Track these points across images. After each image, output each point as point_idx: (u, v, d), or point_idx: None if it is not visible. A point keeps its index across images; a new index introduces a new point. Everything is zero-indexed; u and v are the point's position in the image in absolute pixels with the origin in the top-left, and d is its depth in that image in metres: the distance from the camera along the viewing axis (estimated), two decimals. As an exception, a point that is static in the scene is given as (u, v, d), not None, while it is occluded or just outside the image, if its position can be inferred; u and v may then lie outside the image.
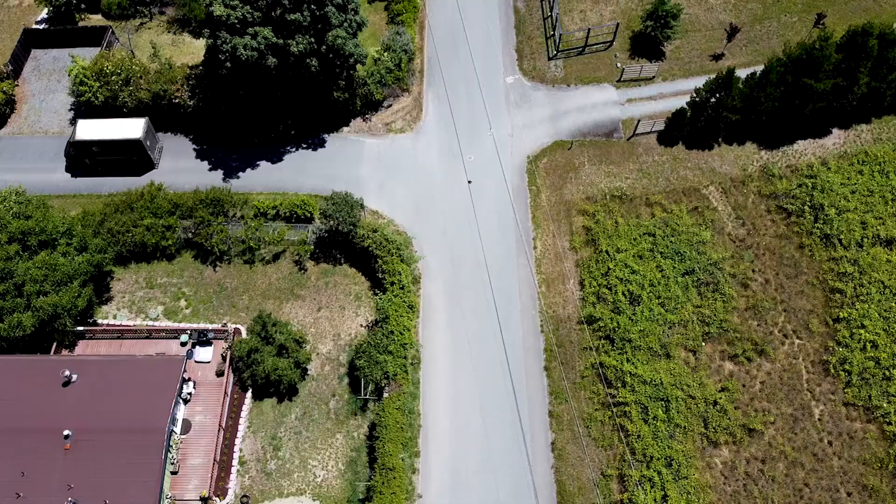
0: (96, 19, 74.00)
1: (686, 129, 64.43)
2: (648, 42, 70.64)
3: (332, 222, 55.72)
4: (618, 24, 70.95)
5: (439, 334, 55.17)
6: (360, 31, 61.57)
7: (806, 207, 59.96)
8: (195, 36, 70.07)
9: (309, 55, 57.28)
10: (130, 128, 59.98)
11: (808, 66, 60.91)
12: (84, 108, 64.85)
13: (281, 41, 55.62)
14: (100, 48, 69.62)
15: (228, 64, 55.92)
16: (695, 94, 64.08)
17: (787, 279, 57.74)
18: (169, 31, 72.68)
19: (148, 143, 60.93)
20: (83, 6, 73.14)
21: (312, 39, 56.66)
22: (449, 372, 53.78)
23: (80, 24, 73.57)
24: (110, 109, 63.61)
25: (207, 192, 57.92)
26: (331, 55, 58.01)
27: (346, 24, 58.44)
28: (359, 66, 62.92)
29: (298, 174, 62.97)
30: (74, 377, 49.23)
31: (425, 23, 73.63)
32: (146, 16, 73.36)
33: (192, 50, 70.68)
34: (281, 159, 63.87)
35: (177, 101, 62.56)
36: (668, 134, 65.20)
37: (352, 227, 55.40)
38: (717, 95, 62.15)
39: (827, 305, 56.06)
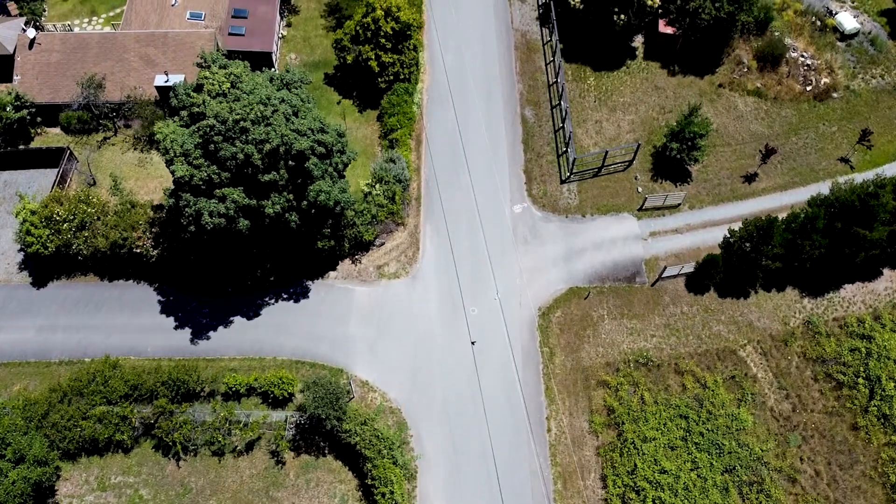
0: (54, 134, 66.03)
1: (719, 277, 56.62)
2: (673, 161, 62.80)
3: (314, 410, 47.87)
4: (639, 144, 63.09)
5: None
6: (348, 166, 53.72)
7: (860, 380, 52.17)
8: (164, 155, 62.19)
9: (288, 210, 49.42)
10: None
11: (861, 215, 53.17)
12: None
13: (254, 202, 47.75)
14: (57, 169, 61.76)
15: (192, 228, 48.03)
16: (729, 235, 56.37)
17: (840, 470, 49.96)
18: (135, 148, 64.79)
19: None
20: (39, 120, 65.15)
21: (291, 196, 48.78)
22: None
23: (38, 137, 65.62)
24: (62, 258, 55.73)
25: (170, 371, 50.15)
26: (313, 210, 50.13)
27: (331, 169, 50.53)
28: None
29: (278, 333, 55.09)
30: None
31: (423, 136, 65.73)
32: (110, 129, 65.38)
33: (160, 172, 62.79)
34: (258, 314, 55.98)
35: (138, 250, 54.66)
36: (698, 279, 57.38)
37: (337, 421, 47.55)
38: (755, 241, 54.32)
39: (888, 505, 48.41)
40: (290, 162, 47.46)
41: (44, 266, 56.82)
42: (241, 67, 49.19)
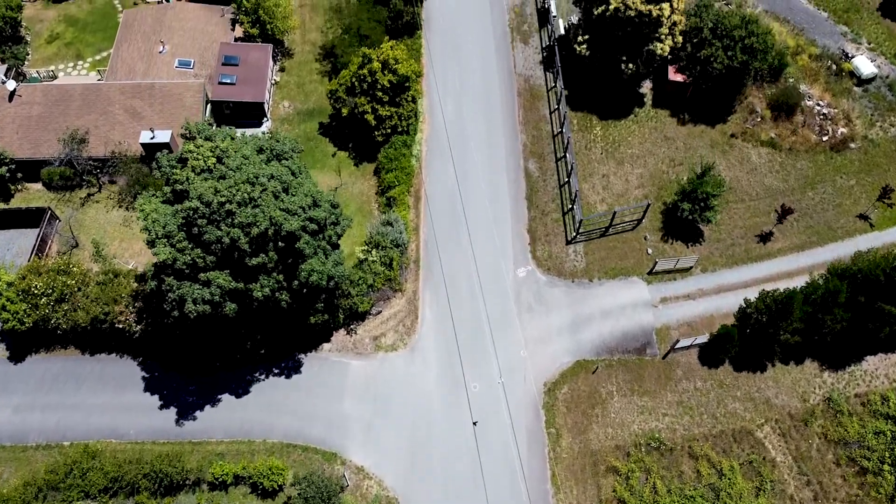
0: (36, 190, 63.01)
1: (734, 351, 53.63)
2: (684, 221, 59.75)
3: (305, 507, 44.93)
4: (648, 204, 60.03)
5: None
6: (342, 236, 50.71)
7: (885, 466, 49.18)
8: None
9: (278, 290, 46.41)
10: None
11: (886, 289, 50.16)
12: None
13: (241, 285, 44.73)
14: (38, 229, 58.81)
15: (176, 313, 45.02)
16: (745, 306, 53.37)
17: (865, 566, 46.99)
18: (120, 206, 61.76)
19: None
20: (20, 176, 62.15)
21: (281, 277, 45.76)
22: None
23: (18, 194, 62.63)
24: (40, 332, 52.78)
25: (153, 461, 47.27)
26: (305, 290, 47.11)
27: (324, 243, 47.49)
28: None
29: (268, 412, 52.09)
30: None
31: (422, 192, 62.72)
32: (94, 186, 62.37)
33: (146, 232, 59.56)
34: (248, 391, 52.97)
35: (121, 326, 51.68)
36: (712, 353, 54.37)
37: (329, 522, 44.62)
38: (773, 315, 51.30)
39: None
40: (280, 243, 44.39)
41: (21, 339, 53.78)
42: (228, 141, 46.18)
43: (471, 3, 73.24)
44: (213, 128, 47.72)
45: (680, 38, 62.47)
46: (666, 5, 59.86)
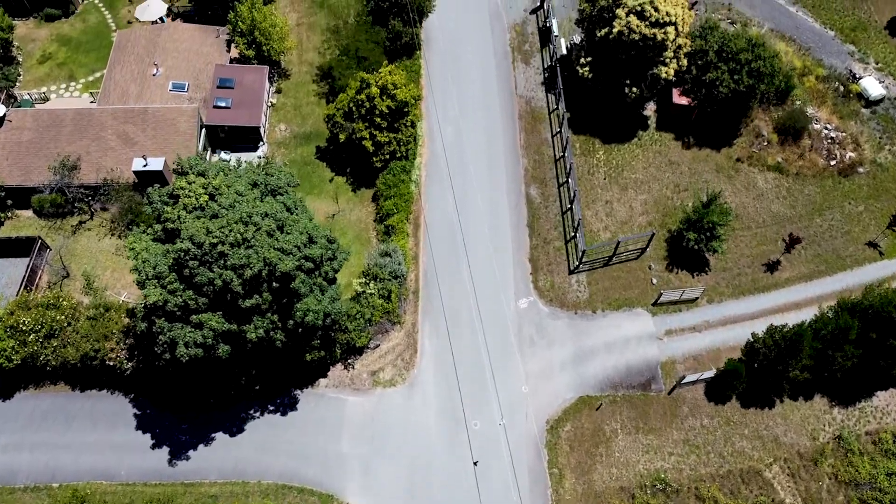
0: (27, 217, 61.60)
1: (741, 387, 52.26)
2: (690, 250, 58.31)
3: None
4: (653, 234, 58.62)
5: None
6: (339, 270, 49.29)
7: (898, 509, 47.78)
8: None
9: (273, 329, 45.01)
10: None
11: (898, 326, 48.78)
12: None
13: (235, 327, 43.33)
14: (28, 259, 57.44)
15: (168, 356, 43.63)
16: (752, 340, 52.01)
17: None
18: (112, 234, 60.35)
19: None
20: (10, 203, 60.74)
21: (276, 317, 44.36)
22: None
23: (9, 221, 61.25)
24: (28, 370, 51.41)
25: (144, 506, 45.71)
26: (300, 329, 45.71)
27: (320, 279, 46.08)
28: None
29: (263, 452, 50.70)
30: None
31: (421, 219, 61.31)
32: (86, 213, 60.97)
33: (138, 262, 58.13)
34: (242, 429, 51.59)
35: (111, 363, 50.30)
36: (719, 388, 53.00)
37: (325, 571, 43.22)
38: (783, 353, 49.93)
39: None
40: (275, 283, 42.99)
41: (9, 375, 52.38)
42: (221, 176, 44.76)
43: (471, 22, 71.88)
44: (206, 162, 46.27)
45: (685, 62, 61.10)
46: (671, 29, 58.48)
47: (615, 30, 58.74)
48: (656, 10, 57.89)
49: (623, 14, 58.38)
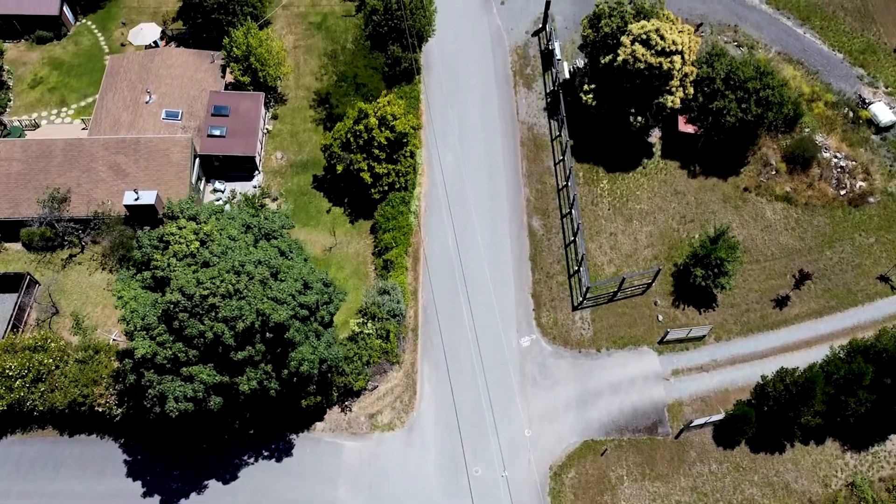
0: (15, 251, 60.00)
1: (751, 432, 50.67)
2: (696, 286, 56.69)
3: None
4: (659, 269, 56.98)
5: None
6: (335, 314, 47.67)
7: (914, 563, 46.17)
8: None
9: (267, 379, 43.40)
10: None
11: (914, 372, 47.18)
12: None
13: (227, 379, 41.73)
14: (16, 295, 55.85)
15: (157, 409, 42.02)
16: (762, 383, 50.46)
17: None
18: (103, 268, 58.72)
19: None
20: (-2, 236, 59.24)
21: (270, 367, 42.76)
22: None
23: (-4, 253, 59.71)
24: (15, 415, 49.81)
25: (133, 562, 44.06)
26: (294, 379, 44.10)
27: (315, 325, 44.45)
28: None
29: (257, 500, 49.08)
30: None
31: (420, 252, 59.69)
32: (76, 246, 59.34)
33: (130, 298, 56.51)
34: (235, 476, 49.99)
35: (100, 409, 48.70)
36: (728, 432, 51.40)
37: None
38: (794, 398, 48.34)
39: None
40: (268, 334, 41.38)
41: None
42: (213, 221, 43.11)
43: (472, 45, 70.24)
44: (198, 204, 44.65)
45: (691, 90, 59.50)
46: (677, 58, 56.83)
47: (620, 58, 57.14)
48: (662, 38, 56.28)
49: (628, 42, 56.79)
